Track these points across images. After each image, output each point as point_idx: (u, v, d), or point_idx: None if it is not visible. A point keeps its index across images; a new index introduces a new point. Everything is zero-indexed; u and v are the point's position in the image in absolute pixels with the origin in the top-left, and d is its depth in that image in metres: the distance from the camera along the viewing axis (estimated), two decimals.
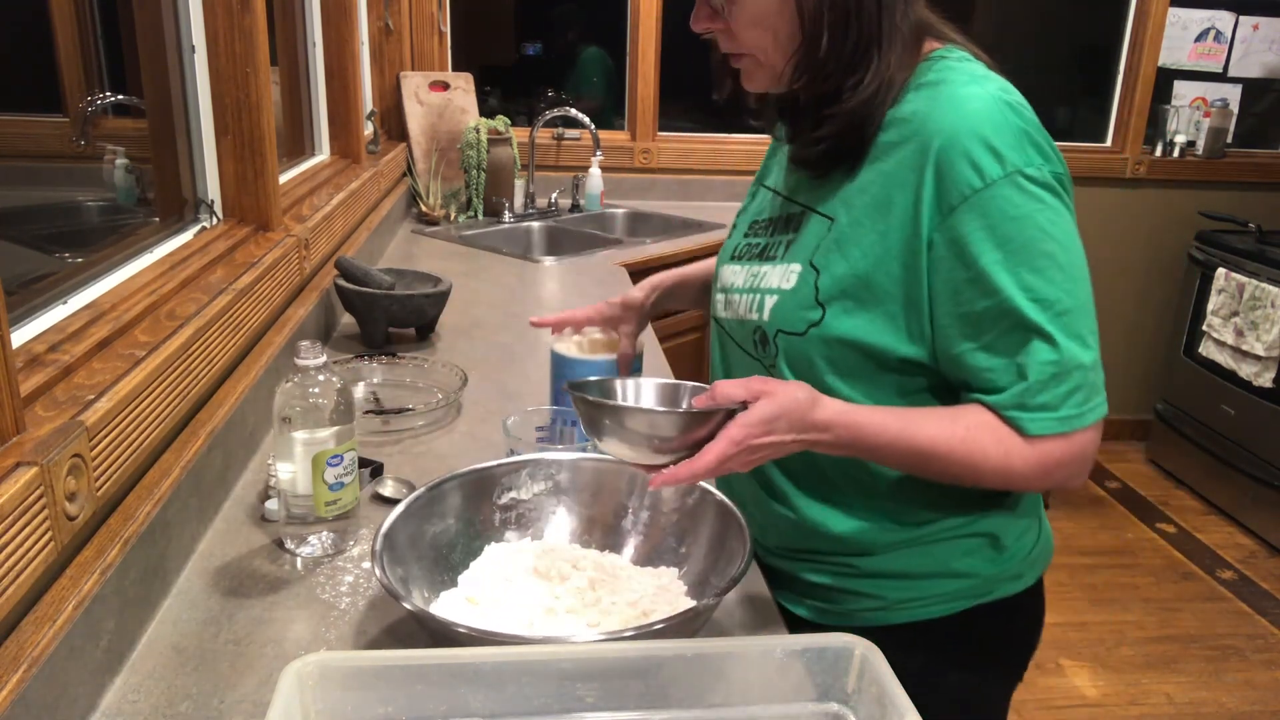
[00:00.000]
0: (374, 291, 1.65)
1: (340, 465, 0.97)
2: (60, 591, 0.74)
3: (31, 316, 0.94)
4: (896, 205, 0.85)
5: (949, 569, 0.96)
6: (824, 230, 0.91)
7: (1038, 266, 0.82)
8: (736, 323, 1.00)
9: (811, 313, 0.91)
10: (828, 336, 0.89)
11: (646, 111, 3.34)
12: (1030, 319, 0.82)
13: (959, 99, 0.84)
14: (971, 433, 0.85)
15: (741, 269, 1.01)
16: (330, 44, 2.25)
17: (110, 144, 1.35)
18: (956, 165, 0.82)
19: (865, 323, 0.88)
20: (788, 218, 0.99)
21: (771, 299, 0.94)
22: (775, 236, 0.99)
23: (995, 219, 0.81)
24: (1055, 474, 0.86)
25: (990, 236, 0.82)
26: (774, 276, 0.95)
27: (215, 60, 1.40)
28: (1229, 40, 3.56)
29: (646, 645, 0.69)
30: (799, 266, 0.93)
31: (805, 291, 0.91)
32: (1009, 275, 0.82)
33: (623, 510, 0.98)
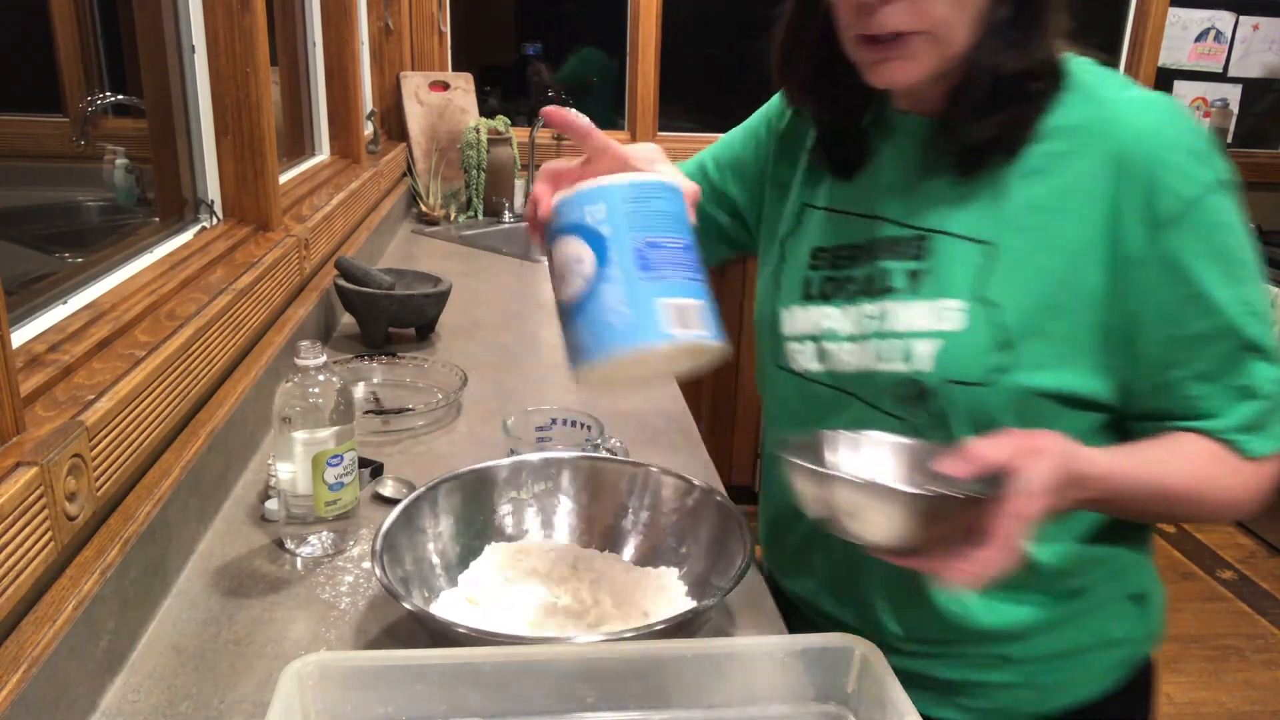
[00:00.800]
0: (374, 291, 1.65)
1: (340, 465, 0.97)
2: (60, 591, 0.73)
3: (31, 316, 0.94)
4: (1086, 223, 0.75)
5: (1108, 637, 0.88)
6: (978, 257, 0.78)
7: (1247, 278, 0.76)
8: (855, 375, 0.85)
9: (998, 356, 0.77)
10: (1021, 384, 0.77)
11: (646, 111, 3.34)
12: (1250, 336, 0.75)
13: (1146, 103, 0.76)
14: (1205, 468, 0.77)
15: (838, 310, 0.86)
16: (330, 44, 2.25)
17: (110, 144, 1.35)
18: (1166, 176, 0.73)
19: (1059, 361, 0.77)
20: (895, 242, 0.84)
21: (927, 344, 0.79)
22: (882, 263, 0.84)
23: (1211, 231, 0.74)
24: (1266, 496, 0.80)
25: (1208, 251, 0.74)
26: (916, 316, 0.80)
27: (215, 60, 1.40)
28: (1229, 40, 3.56)
29: (646, 645, 0.69)
30: (959, 302, 0.78)
31: (983, 331, 0.77)
32: (1228, 291, 0.74)
33: (623, 510, 0.98)
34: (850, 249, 0.88)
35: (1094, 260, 0.75)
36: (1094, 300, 0.76)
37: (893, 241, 0.84)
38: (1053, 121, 0.77)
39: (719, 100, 3.59)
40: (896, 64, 0.76)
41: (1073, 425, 0.77)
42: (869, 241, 0.86)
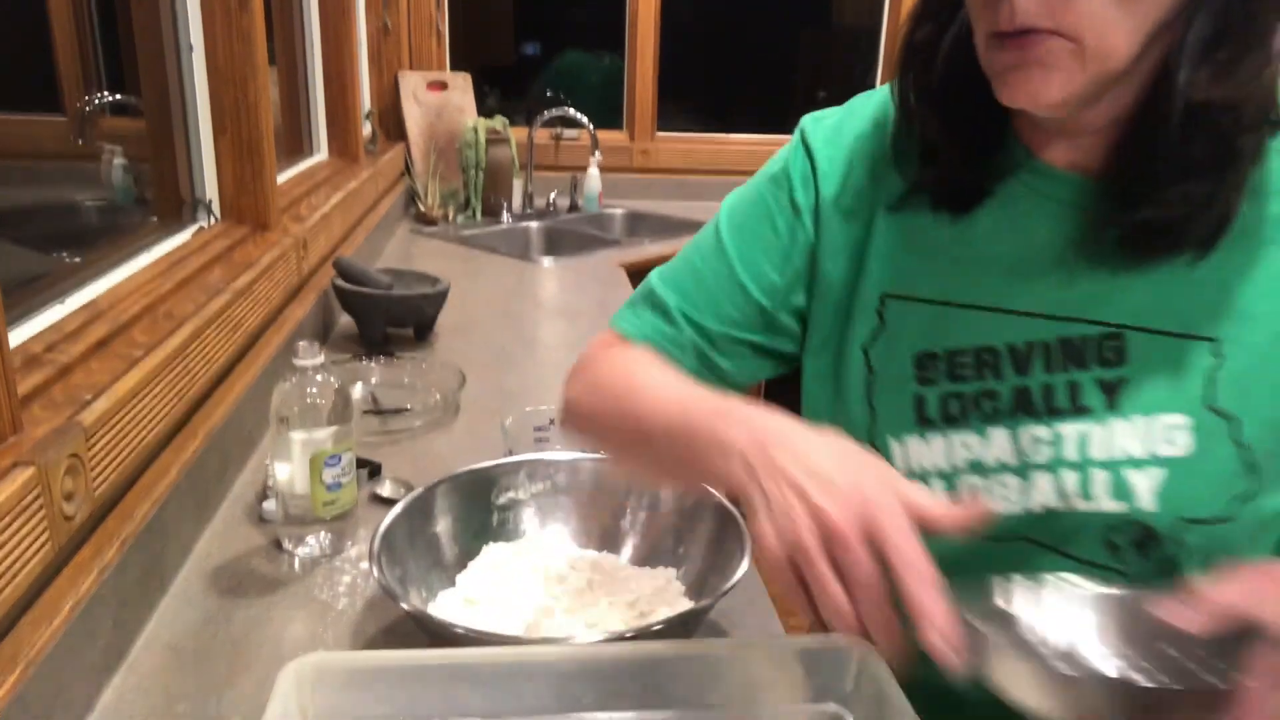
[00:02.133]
0: (372, 292, 1.65)
1: (338, 465, 0.97)
2: (58, 591, 0.73)
3: (29, 316, 0.93)
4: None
5: None
6: (1206, 357, 0.62)
7: None
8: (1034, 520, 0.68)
9: (1244, 482, 0.62)
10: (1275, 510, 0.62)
11: (645, 111, 3.34)
12: None
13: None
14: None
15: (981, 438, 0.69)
16: (328, 44, 2.25)
17: (108, 143, 1.35)
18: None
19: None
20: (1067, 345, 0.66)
21: (1148, 476, 0.63)
22: (1049, 375, 0.67)
23: None
24: None
25: None
26: (1125, 439, 0.64)
27: (213, 60, 1.40)
28: None
29: (645, 646, 0.69)
30: (1183, 419, 0.63)
31: (1220, 454, 0.62)
32: None
33: (621, 510, 0.98)
34: (983, 353, 0.69)
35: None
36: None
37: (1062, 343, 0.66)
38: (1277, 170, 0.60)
39: (718, 100, 3.60)
40: (1030, 74, 0.58)
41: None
42: (1015, 344, 0.67)
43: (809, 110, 0.82)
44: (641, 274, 0.98)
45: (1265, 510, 0.62)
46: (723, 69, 3.51)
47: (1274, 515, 0.62)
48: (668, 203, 3.33)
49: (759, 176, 0.82)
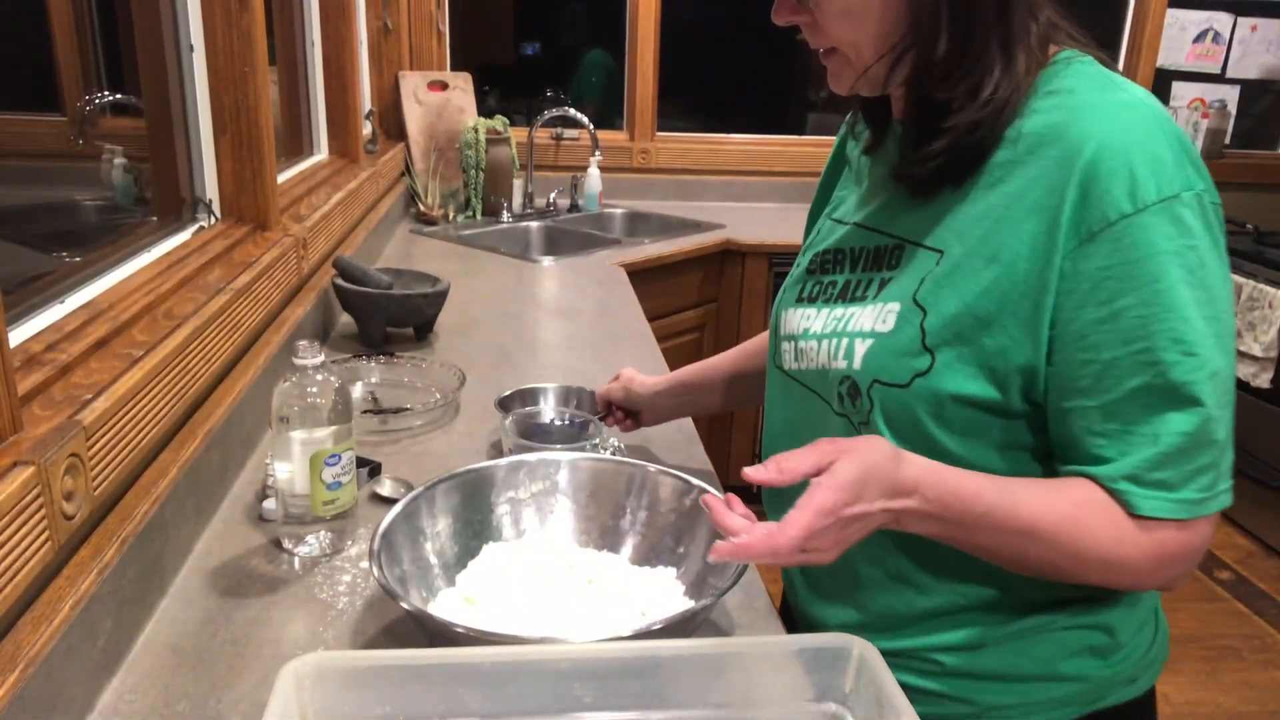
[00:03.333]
0: (372, 291, 1.65)
1: (338, 465, 0.97)
2: (57, 591, 0.73)
3: (29, 315, 0.93)
4: (1027, 231, 0.72)
5: (1054, 671, 0.81)
6: (930, 265, 0.78)
7: (1189, 315, 0.68)
8: (816, 373, 0.87)
9: (917, 360, 0.76)
10: (937, 389, 0.75)
11: (645, 111, 3.34)
12: (1172, 377, 0.68)
13: (1109, 108, 0.71)
14: (1080, 510, 0.71)
15: (816, 311, 0.88)
16: (329, 43, 2.25)
17: (108, 143, 1.35)
18: (1104, 184, 0.68)
19: (978, 370, 0.74)
20: (877, 251, 0.85)
21: (864, 344, 0.80)
22: (861, 274, 0.86)
23: (1145, 252, 0.67)
24: (1168, 568, 0.72)
25: (1137, 272, 0.68)
26: (865, 318, 0.81)
27: (214, 59, 1.40)
28: (1227, 41, 3.57)
29: (644, 645, 0.69)
30: (897, 305, 0.79)
31: (908, 334, 0.77)
32: (1155, 321, 0.68)
33: (621, 510, 0.98)
34: (848, 256, 0.89)
35: (1029, 271, 0.72)
36: (1024, 315, 0.72)
37: (876, 250, 0.85)
38: (1021, 126, 0.74)
39: (718, 101, 3.59)
40: (831, 75, 0.83)
41: (1000, 438, 0.76)
42: (865, 250, 0.87)
43: (808, 110, 1.01)
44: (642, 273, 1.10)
45: (933, 387, 0.76)
46: (723, 69, 3.51)
47: (942, 395, 0.76)
48: (667, 202, 3.33)
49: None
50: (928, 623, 0.84)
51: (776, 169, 3.39)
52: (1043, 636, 0.82)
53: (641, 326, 1.92)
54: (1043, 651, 0.82)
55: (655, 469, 0.98)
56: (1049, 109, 0.74)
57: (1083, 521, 0.71)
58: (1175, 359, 0.68)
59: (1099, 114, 0.71)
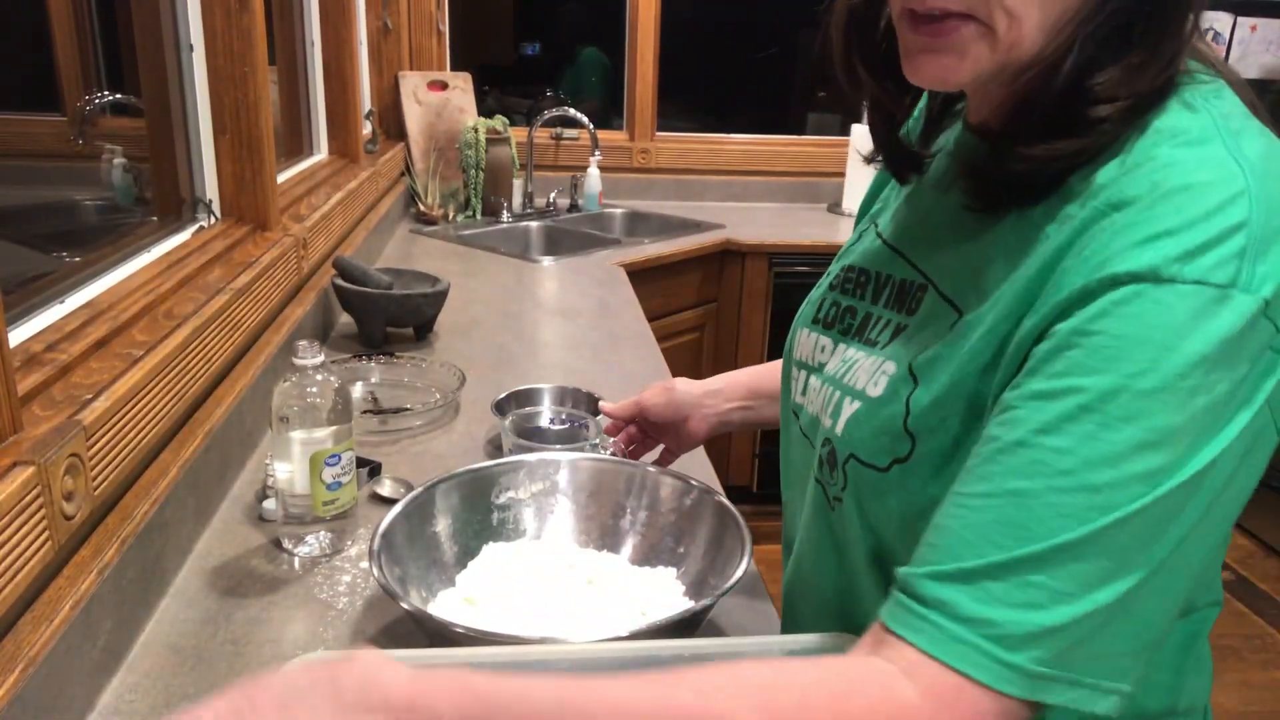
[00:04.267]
0: (372, 291, 1.65)
1: (338, 465, 0.97)
2: (57, 591, 0.73)
3: (29, 315, 0.93)
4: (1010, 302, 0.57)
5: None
6: (945, 324, 0.62)
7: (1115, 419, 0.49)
8: (811, 421, 0.72)
9: (898, 443, 0.61)
10: (912, 485, 0.61)
11: (645, 111, 3.34)
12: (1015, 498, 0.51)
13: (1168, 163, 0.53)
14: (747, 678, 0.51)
15: (833, 345, 0.73)
16: (328, 43, 2.25)
17: (108, 143, 1.35)
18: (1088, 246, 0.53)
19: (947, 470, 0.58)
20: (902, 286, 0.69)
21: (851, 406, 0.66)
22: (882, 309, 0.70)
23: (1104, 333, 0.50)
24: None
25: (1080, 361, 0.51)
26: (863, 372, 0.67)
27: (213, 59, 1.40)
28: (1227, 41, 3.56)
29: (644, 645, 0.69)
30: (893, 366, 0.64)
31: (893, 409, 0.62)
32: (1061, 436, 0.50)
33: (621, 510, 0.98)
34: (861, 274, 0.74)
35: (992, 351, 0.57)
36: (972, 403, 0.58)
37: (901, 284, 0.69)
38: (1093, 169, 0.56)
39: (718, 101, 3.59)
40: (941, 59, 0.58)
41: None
42: (888, 279, 0.71)
43: (808, 110, 0.86)
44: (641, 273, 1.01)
45: (912, 489, 0.60)
46: (722, 69, 3.51)
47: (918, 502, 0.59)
48: (667, 202, 3.33)
49: None
50: None
51: (776, 169, 3.39)
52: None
53: (641, 326, 1.92)
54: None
55: (655, 469, 0.98)
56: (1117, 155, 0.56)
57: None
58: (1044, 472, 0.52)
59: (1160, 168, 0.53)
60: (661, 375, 1.62)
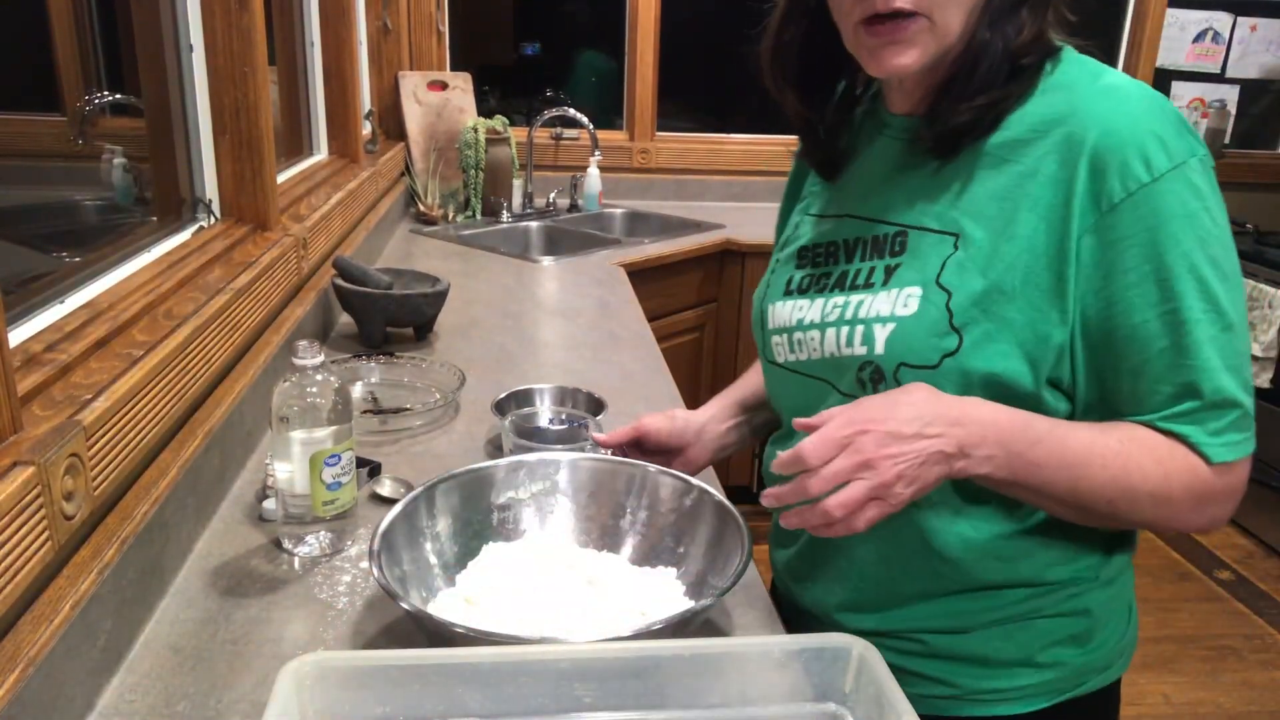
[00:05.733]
0: (372, 291, 1.65)
1: (338, 465, 0.97)
2: (57, 591, 0.73)
3: (29, 315, 0.93)
4: (1044, 206, 0.75)
5: (1032, 659, 0.84)
6: (946, 249, 0.79)
7: (1205, 274, 0.72)
8: (823, 362, 0.87)
9: (945, 340, 0.77)
10: (967, 368, 0.76)
11: (645, 111, 3.34)
12: (1196, 335, 0.72)
13: (1107, 90, 0.76)
14: (1127, 445, 0.74)
15: (810, 302, 0.88)
16: (328, 43, 2.25)
17: (108, 143, 1.35)
18: (1119, 159, 0.72)
19: (1008, 348, 0.76)
20: (876, 240, 0.85)
21: (885, 328, 0.80)
22: (860, 262, 0.86)
23: (1163, 217, 0.71)
24: (1209, 509, 0.75)
25: (1159, 237, 0.71)
26: (881, 304, 0.82)
27: (213, 60, 1.40)
28: (1227, 41, 3.57)
29: (644, 645, 0.69)
30: (918, 289, 0.79)
31: (933, 316, 0.78)
32: (1178, 282, 0.72)
33: (620, 510, 0.98)
34: (828, 246, 0.90)
35: (1049, 245, 0.75)
36: (1047, 285, 0.75)
37: (874, 239, 0.85)
38: (1022, 111, 0.78)
39: (718, 100, 3.59)
40: (896, 49, 0.76)
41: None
42: (860, 240, 0.87)
43: None
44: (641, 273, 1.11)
45: (963, 366, 0.77)
46: (722, 69, 3.51)
47: (971, 373, 0.77)
48: (667, 202, 3.33)
49: None
50: (915, 604, 0.86)
51: (776, 169, 3.39)
52: (1026, 623, 0.84)
53: (641, 327, 1.92)
54: (1025, 638, 0.84)
55: (655, 469, 0.98)
56: (1049, 92, 0.78)
57: (1132, 456, 0.74)
58: (1197, 318, 0.72)
59: (1104, 94, 0.76)
60: (662, 375, 1.62)
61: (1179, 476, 0.74)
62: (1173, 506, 0.75)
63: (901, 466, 0.69)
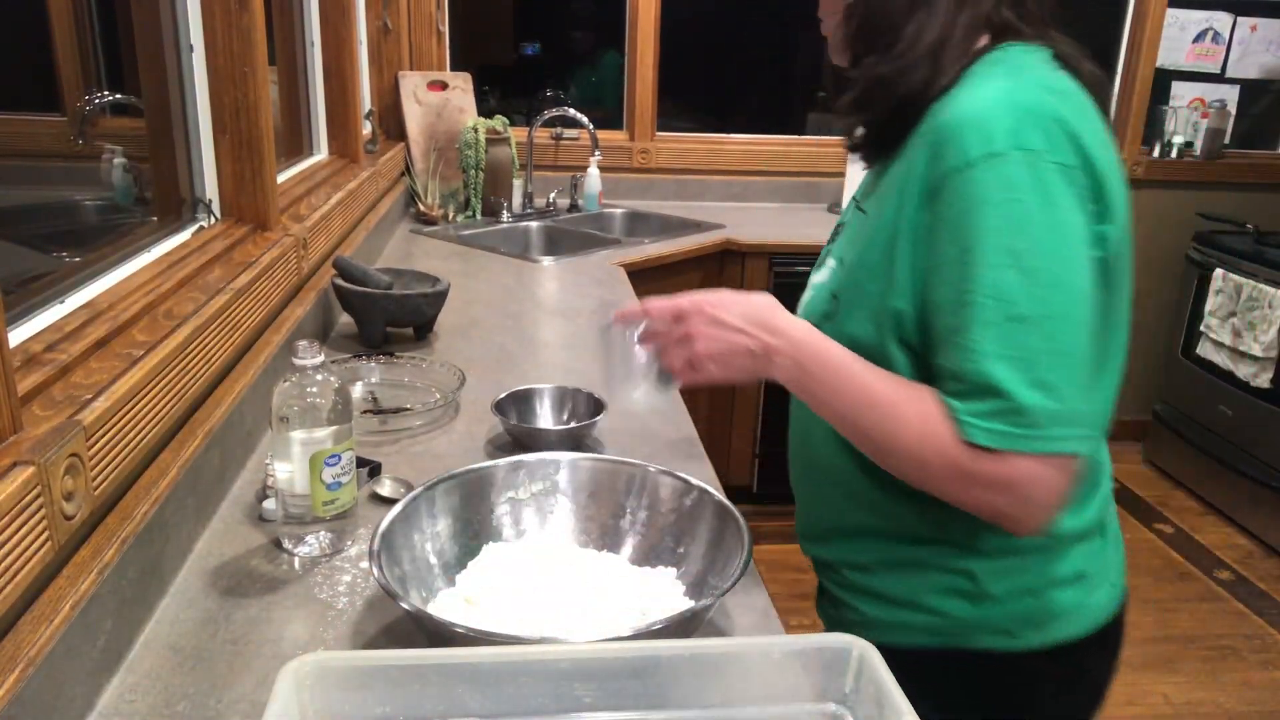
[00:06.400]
0: (372, 291, 1.65)
1: (338, 465, 0.97)
2: (57, 591, 0.73)
3: (29, 315, 0.93)
4: (904, 187, 0.83)
5: (918, 602, 0.92)
6: (857, 224, 0.92)
7: (1000, 262, 0.75)
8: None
9: (828, 305, 0.90)
10: (840, 331, 0.87)
11: (645, 111, 3.34)
12: (975, 316, 0.76)
13: (983, 86, 0.80)
14: (905, 403, 0.81)
15: (816, 273, 1.02)
16: (328, 43, 2.25)
17: (108, 143, 1.35)
18: (945, 145, 0.78)
19: (863, 314, 0.86)
20: (849, 221, 0.98)
21: (807, 294, 0.98)
22: (832, 242, 1.00)
23: (968, 204, 0.76)
24: (976, 492, 0.78)
25: (963, 221, 0.76)
26: (818, 275, 0.98)
27: (213, 59, 1.40)
28: (1227, 41, 3.57)
29: (644, 645, 0.69)
30: (833, 261, 0.94)
31: (828, 285, 0.93)
32: (974, 267, 0.76)
33: (621, 510, 0.98)
34: (836, 229, 1.02)
35: (895, 223, 0.83)
36: (882, 258, 0.84)
37: (849, 220, 0.98)
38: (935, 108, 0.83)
39: (718, 101, 3.59)
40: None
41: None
42: (844, 223, 1.00)
43: (808, 110, 1.09)
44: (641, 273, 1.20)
45: (838, 329, 0.88)
46: (723, 69, 3.51)
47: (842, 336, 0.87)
48: (667, 202, 3.33)
49: None
50: (843, 539, 0.97)
51: (776, 169, 3.39)
52: (915, 569, 0.92)
53: None
54: (914, 582, 0.92)
55: (655, 469, 0.98)
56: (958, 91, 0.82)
57: (901, 408, 0.81)
58: (980, 302, 0.76)
59: (969, 90, 0.80)
60: None
61: (934, 441, 0.78)
62: (929, 470, 0.80)
63: (713, 348, 0.86)
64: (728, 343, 0.85)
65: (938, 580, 0.91)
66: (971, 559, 0.89)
